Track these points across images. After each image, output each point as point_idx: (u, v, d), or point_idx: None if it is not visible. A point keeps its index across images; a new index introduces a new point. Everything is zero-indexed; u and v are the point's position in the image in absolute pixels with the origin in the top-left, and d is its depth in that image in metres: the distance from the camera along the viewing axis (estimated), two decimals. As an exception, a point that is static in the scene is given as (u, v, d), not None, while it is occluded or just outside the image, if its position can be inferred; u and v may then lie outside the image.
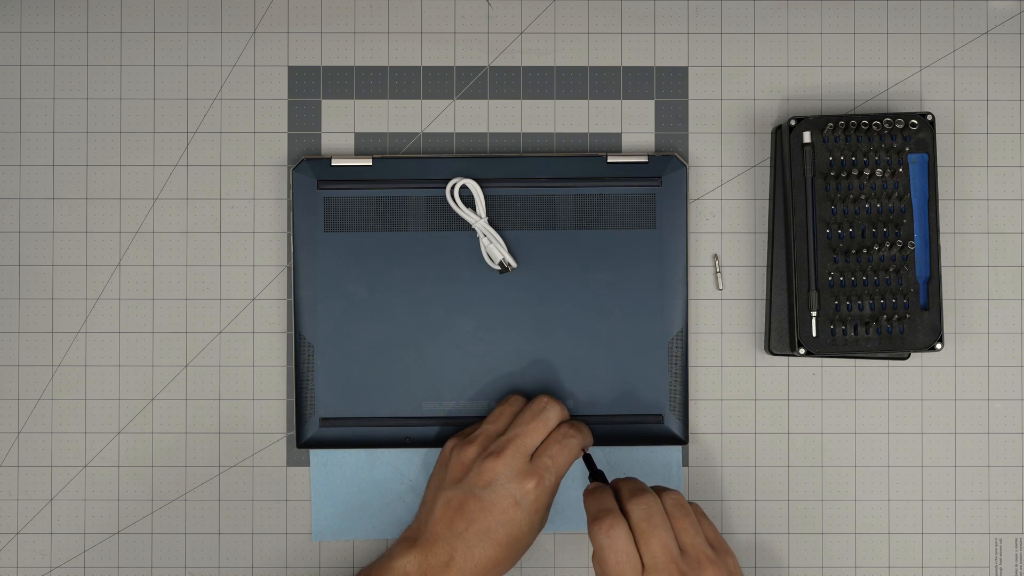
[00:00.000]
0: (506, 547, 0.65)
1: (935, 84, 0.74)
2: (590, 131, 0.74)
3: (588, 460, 0.69)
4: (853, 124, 0.70)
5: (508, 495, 0.65)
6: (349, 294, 0.72)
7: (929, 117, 0.70)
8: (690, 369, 0.73)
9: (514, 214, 0.72)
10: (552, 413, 0.68)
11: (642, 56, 0.74)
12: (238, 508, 0.74)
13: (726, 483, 0.74)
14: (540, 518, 0.66)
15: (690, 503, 0.65)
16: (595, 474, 0.68)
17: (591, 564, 0.73)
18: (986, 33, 0.74)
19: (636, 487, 0.65)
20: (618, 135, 0.74)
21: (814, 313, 0.70)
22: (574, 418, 0.71)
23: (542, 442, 0.67)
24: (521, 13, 0.74)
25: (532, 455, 0.66)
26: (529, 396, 0.71)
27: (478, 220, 0.71)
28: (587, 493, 0.66)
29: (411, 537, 0.67)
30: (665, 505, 0.64)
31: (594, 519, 0.63)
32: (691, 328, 0.74)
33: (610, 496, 0.65)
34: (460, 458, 0.67)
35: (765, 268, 0.74)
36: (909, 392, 0.74)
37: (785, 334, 0.72)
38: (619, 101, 0.74)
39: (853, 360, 0.74)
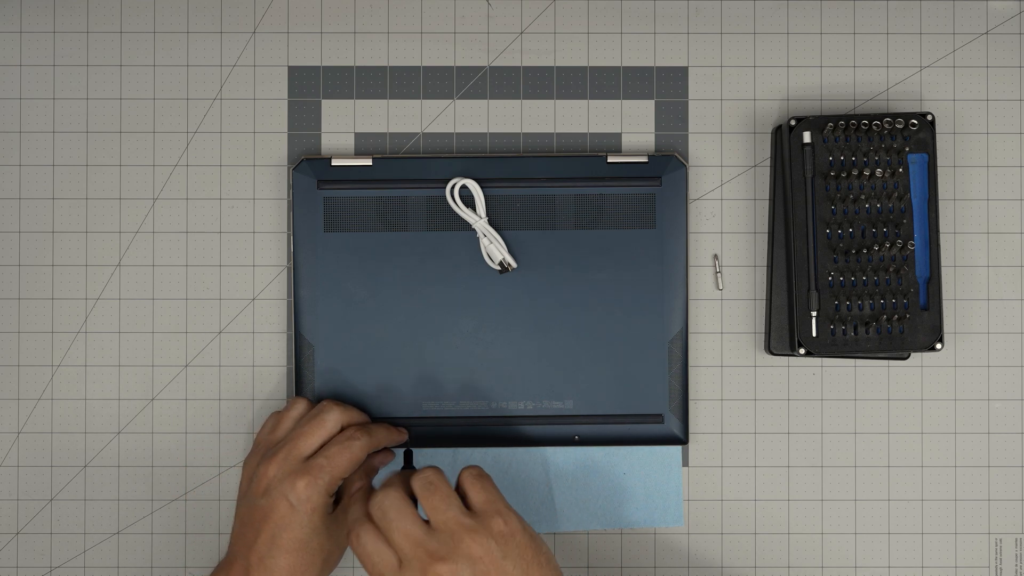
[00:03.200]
0: (297, 553, 0.64)
1: (935, 84, 0.74)
2: (590, 131, 0.74)
3: (407, 457, 0.69)
4: (853, 124, 0.70)
5: (282, 497, 0.64)
6: (349, 294, 0.72)
7: (929, 117, 0.70)
8: (690, 369, 0.73)
9: (514, 214, 0.72)
10: (331, 416, 0.67)
11: (642, 56, 0.74)
12: (238, 508, 0.74)
13: (726, 483, 0.74)
14: (323, 520, 0.65)
15: (468, 468, 0.63)
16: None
17: (590, 564, 0.73)
18: (986, 33, 0.74)
19: (386, 482, 0.63)
20: (618, 135, 0.74)
21: (814, 313, 0.70)
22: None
23: (322, 445, 0.66)
24: (521, 13, 0.74)
25: (309, 458, 0.65)
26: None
27: (478, 220, 0.71)
28: (348, 503, 0.66)
29: (222, 561, 0.67)
30: (414, 487, 0.62)
31: (347, 533, 0.62)
32: (691, 328, 0.74)
33: (358, 505, 0.63)
34: (245, 471, 0.68)
35: (765, 268, 0.74)
36: (909, 392, 0.74)
37: (785, 334, 0.72)
38: (619, 101, 0.74)
39: (853, 360, 0.74)
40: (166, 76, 0.74)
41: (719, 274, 0.74)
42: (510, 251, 0.71)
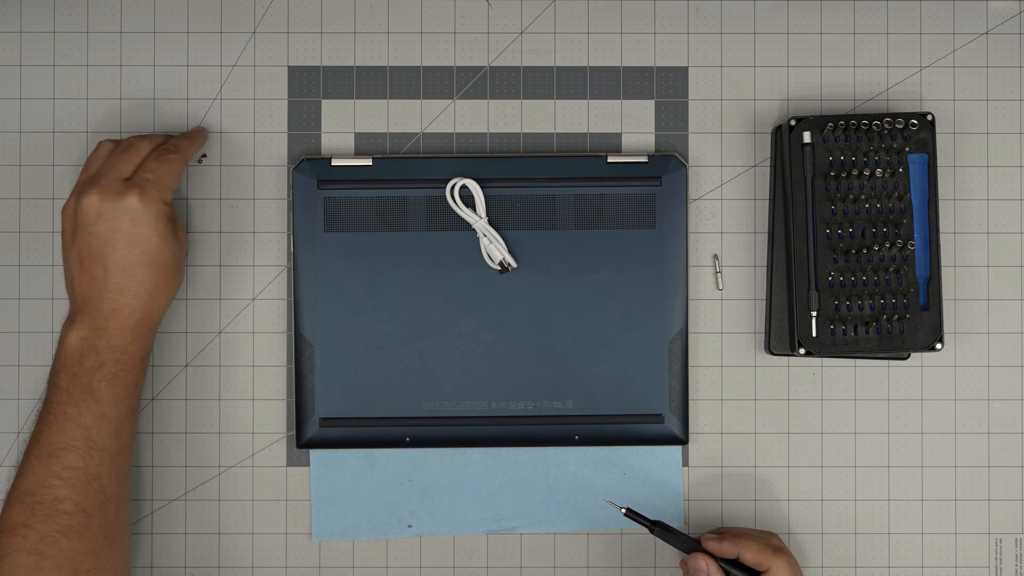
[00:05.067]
0: (153, 266, 0.65)
1: (935, 84, 0.74)
2: (590, 131, 0.74)
3: (633, 515, 0.68)
4: (853, 124, 0.70)
5: (118, 216, 0.64)
6: (349, 294, 0.72)
7: (929, 117, 0.70)
8: (690, 369, 0.73)
9: (514, 214, 0.72)
10: (142, 143, 0.67)
11: (642, 56, 0.74)
12: (238, 508, 0.74)
13: (726, 483, 0.74)
14: (167, 228, 0.65)
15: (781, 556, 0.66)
16: (652, 524, 0.68)
17: (590, 564, 0.73)
18: (986, 33, 0.74)
19: (764, 543, 0.65)
20: (618, 135, 0.74)
21: (814, 313, 0.70)
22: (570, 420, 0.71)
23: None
24: (521, 13, 0.74)
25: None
26: (518, 392, 0.71)
27: (478, 220, 0.71)
28: (729, 543, 0.66)
29: (68, 315, 0.66)
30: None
31: (776, 551, 0.65)
32: (691, 328, 0.74)
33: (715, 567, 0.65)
34: (65, 214, 0.67)
35: (765, 268, 0.74)
36: (909, 392, 0.74)
37: (785, 334, 0.72)
38: (619, 101, 0.74)
39: (853, 360, 0.74)
40: (166, 76, 0.74)
41: (719, 274, 0.74)
42: (510, 251, 0.71)
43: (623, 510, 0.68)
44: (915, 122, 0.70)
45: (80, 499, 0.64)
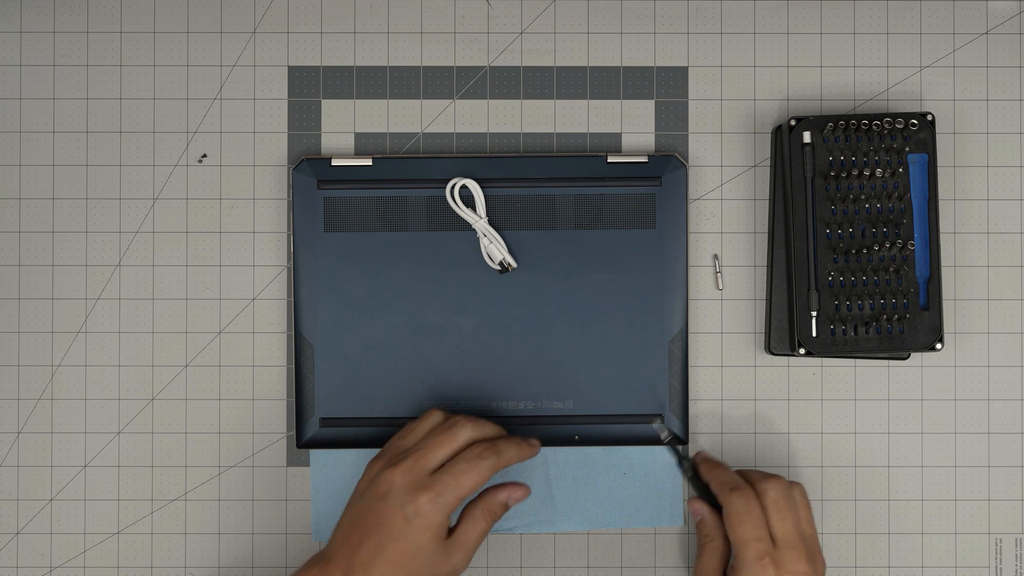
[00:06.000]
0: (399, 568, 0.62)
1: (935, 84, 0.74)
2: (590, 131, 0.74)
3: (675, 452, 0.72)
4: (853, 124, 0.70)
5: (399, 508, 0.62)
6: (349, 294, 0.72)
7: (929, 117, 0.70)
8: (690, 369, 0.73)
9: (514, 214, 0.72)
10: (463, 431, 0.65)
11: (642, 56, 0.74)
12: (238, 508, 0.74)
13: (726, 483, 0.74)
14: (434, 540, 0.63)
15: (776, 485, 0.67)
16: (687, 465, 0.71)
17: (590, 564, 0.73)
18: (986, 33, 0.74)
19: (763, 473, 0.68)
20: (618, 135, 0.74)
21: (814, 313, 0.70)
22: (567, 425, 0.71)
23: (450, 459, 0.64)
24: (521, 13, 0.74)
25: (435, 471, 0.64)
26: (518, 399, 0.71)
27: (478, 220, 0.71)
28: (705, 467, 0.69)
29: (319, 554, 0.65)
30: (793, 492, 0.67)
31: (733, 488, 0.66)
32: (691, 328, 0.74)
33: (733, 473, 0.69)
34: (368, 472, 0.65)
35: (765, 268, 0.74)
36: (909, 392, 0.74)
37: (785, 334, 0.72)
38: (619, 101, 0.74)
39: (853, 360, 0.74)
40: (166, 76, 0.74)
41: (719, 274, 0.74)
42: (510, 251, 0.71)
43: (666, 437, 0.72)
44: (915, 122, 0.70)
45: None
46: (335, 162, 0.72)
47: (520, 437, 0.68)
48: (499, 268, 0.71)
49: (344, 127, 0.74)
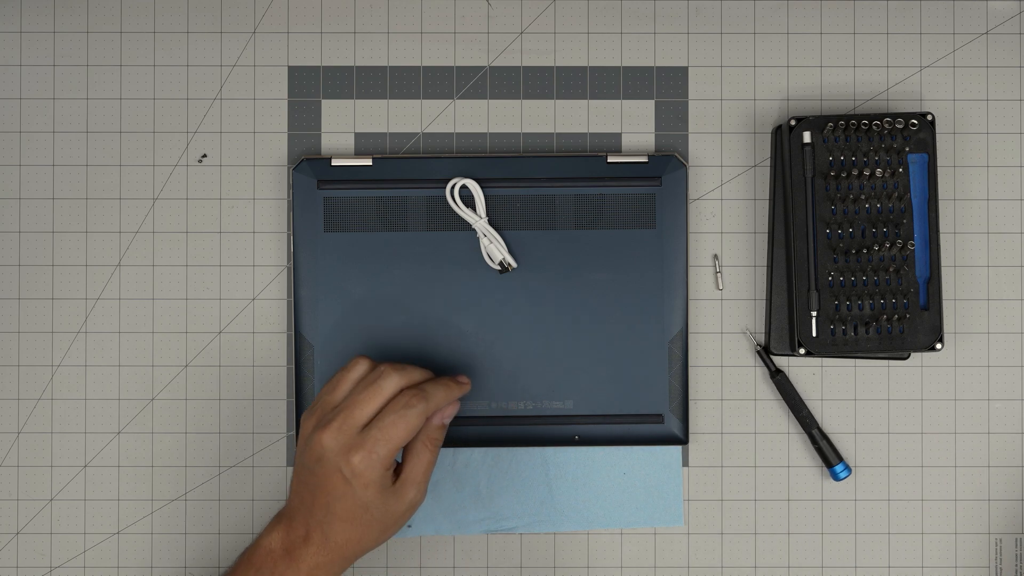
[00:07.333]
0: (353, 523, 0.63)
1: (935, 84, 0.74)
2: (590, 131, 0.74)
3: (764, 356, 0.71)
4: (853, 124, 0.70)
5: (335, 470, 0.63)
6: (349, 294, 0.72)
7: (929, 117, 0.70)
8: (690, 369, 0.73)
9: (514, 214, 0.72)
10: (388, 382, 0.64)
11: (642, 56, 0.74)
12: (238, 508, 0.74)
13: (726, 483, 0.74)
14: (378, 493, 0.63)
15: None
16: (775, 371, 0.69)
17: (590, 564, 0.73)
18: (986, 33, 0.74)
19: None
20: (618, 135, 0.74)
21: (814, 313, 0.70)
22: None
23: (379, 411, 0.64)
24: (521, 13, 0.74)
25: (365, 426, 0.63)
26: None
27: (478, 220, 0.71)
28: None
29: (280, 512, 0.66)
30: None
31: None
32: (691, 328, 0.74)
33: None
34: (302, 430, 0.65)
35: (765, 268, 0.74)
36: (909, 392, 0.74)
37: (785, 334, 0.72)
38: (619, 101, 0.74)
39: (853, 360, 0.74)
40: (166, 76, 0.74)
41: (719, 274, 0.74)
42: (510, 251, 0.71)
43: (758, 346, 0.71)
44: (915, 122, 0.70)
45: None
46: (335, 162, 0.72)
47: (448, 377, 0.67)
48: (499, 268, 0.71)
49: (344, 127, 0.74)
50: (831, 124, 0.70)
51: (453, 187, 0.71)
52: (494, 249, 0.71)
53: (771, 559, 0.74)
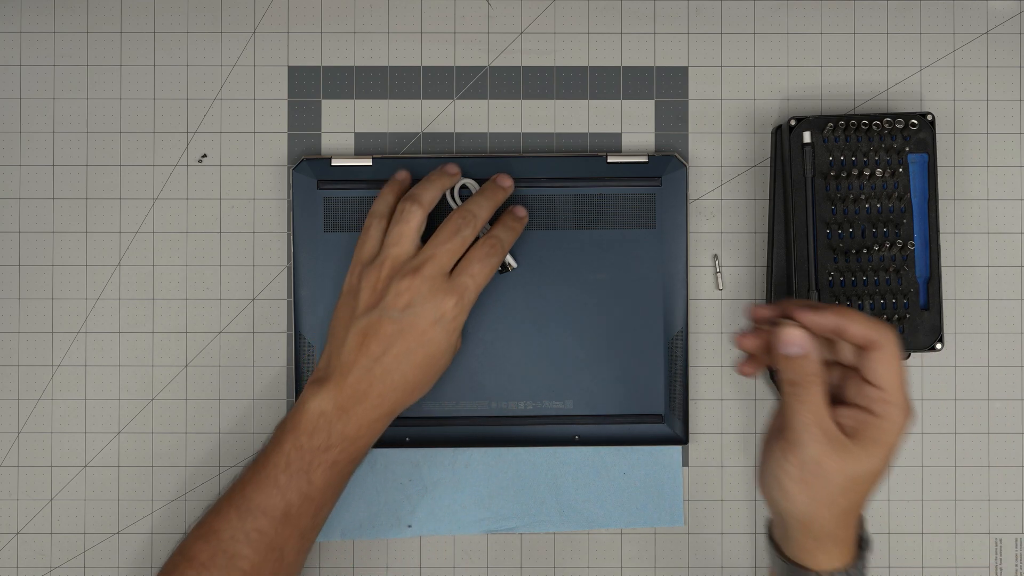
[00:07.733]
0: (424, 368, 0.65)
1: (935, 84, 0.74)
2: (590, 131, 0.74)
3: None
4: (853, 124, 0.70)
5: (427, 315, 0.64)
6: (349, 294, 0.72)
7: (929, 117, 0.70)
8: (690, 369, 0.73)
9: (514, 214, 0.72)
10: (468, 232, 0.66)
11: (642, 56, 0.74)
12: (238, 508, 0.73)
13: (726, 483, 0.74)
14: (457, 337, 0.67)
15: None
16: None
17: (590, 564, 0.73)
18: (986, 33, 0.74)
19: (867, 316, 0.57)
20: (618, 135, 0.74)
21: (814, 313, 0.70)
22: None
23: (461, 258, 0.66)
24: (521, 13, 0.74)
25: (450, 272, 0.66)
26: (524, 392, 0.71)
27: (478, 220, 0.71)
28: (781, 335, 0.57)
29: (321, 377, 0.66)
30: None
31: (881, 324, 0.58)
32: (691, 328, 0.74)
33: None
34: (371, 284, 0.66)
35: (765, 268, 0.74)
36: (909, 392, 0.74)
37: (785, 334, 0.72)
38: (619, 101, 0.74)
39: (853, 360, 0.73)
40: (166, 76, 0.74)
41: (719, 274, 0.74)
42: (510, 251, 0.71)
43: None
44: (915, 122, 0.70)
45: (259, 562, 0.64)
46: (335, 162, 0.72)
47: (507, 214, 0.69)
48: (499, 268, 0.71)
49: (344, 127, 0.74)
50: (831, 124, 0.70)
51: (453, 187, 0.71)
52: (494, 249, 0.71)
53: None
